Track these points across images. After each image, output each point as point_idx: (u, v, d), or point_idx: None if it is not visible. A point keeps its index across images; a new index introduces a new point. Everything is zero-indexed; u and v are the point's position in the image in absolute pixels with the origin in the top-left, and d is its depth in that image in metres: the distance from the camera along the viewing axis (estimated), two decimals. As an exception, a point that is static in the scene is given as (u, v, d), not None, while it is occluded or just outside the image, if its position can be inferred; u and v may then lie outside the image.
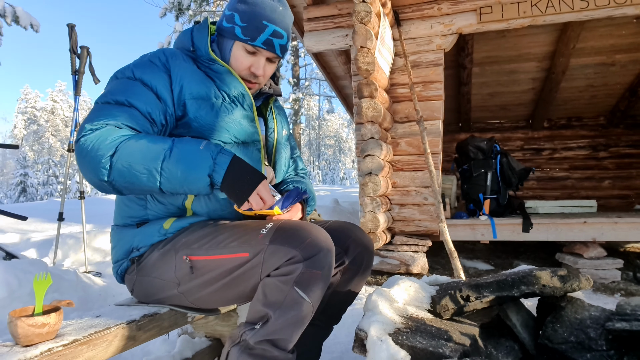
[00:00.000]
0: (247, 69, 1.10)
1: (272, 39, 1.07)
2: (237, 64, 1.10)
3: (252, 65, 1.09)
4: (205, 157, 0.90)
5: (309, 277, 0.86)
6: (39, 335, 0.77)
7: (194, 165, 0.89)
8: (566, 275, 1.17)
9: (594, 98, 5.15)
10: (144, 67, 1.01)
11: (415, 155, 3.12)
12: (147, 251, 1.04)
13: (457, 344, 0.97)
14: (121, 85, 0.98)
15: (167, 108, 1.00)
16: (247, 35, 1.06)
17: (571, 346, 1.07)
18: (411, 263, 2.85)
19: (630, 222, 2.82)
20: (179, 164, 0.88)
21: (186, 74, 1.03)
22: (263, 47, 1.07)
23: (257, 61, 1.09)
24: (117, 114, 0.93)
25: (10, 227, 3.99)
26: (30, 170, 24.02)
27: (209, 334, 1.44)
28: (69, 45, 2.79)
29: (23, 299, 1.65)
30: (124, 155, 0.88)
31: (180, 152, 0.89)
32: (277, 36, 1.07)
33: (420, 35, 3.14)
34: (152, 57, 1.04)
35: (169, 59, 1.03)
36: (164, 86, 1.00)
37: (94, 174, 0.89)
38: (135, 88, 0.97)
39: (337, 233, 1.11)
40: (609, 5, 2.81)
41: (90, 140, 0.88)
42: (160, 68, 1.01)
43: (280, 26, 1.07)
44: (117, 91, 0.97)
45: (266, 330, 0.88)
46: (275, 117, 1.25)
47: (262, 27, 1.05)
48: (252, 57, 1.09)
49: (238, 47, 1.08)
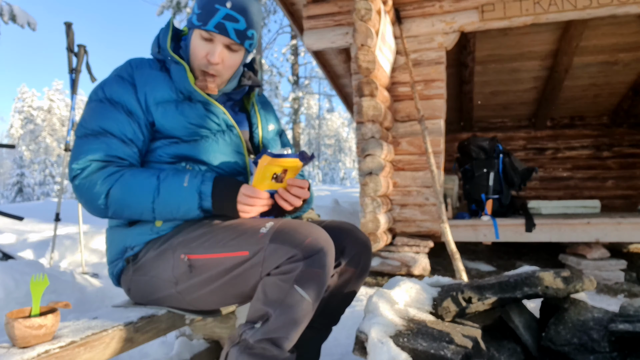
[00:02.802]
0: (205, 57, 1.06)
1: (225, 22, 1.02)
2: (195, 53, 1.08)
3: (208, 52, 1.06)
4: (191, 193, 0.96)
5: (309, 275, 0.87)
6: (35, 336, 0.77)
7: (182, 202, 0.97)
8: (569, 276, 1.16)
9: (597, 97, 5.13)
10: (112, 84, 1.04)
11: (416, 155, 3.10)
12: (142, 250, 1.04)
13: (459, 347, 0.96)
14: (93, 111, 1.03)
15: (139, 120, 1.03)
16: (201, 21, 1.04)
17: (574, 348, 1.06)
18: (412, 264, 2.84)
19: (633, 223, 2.80)
20: (169, 203, 0.97)
21: (148, 81, 1.05)
22: (215, 31, 1.03)
23: (213, 48, 1.05)
24: (96, 147, 0.99)
25: (6, 228, 4.00)
26: (26, 170, 24.04)
27: (207, 336, 1.43)
28: (66, 43, 2.79)
29: (20, 300, 1.65)
30: (116, 198, 0.96)
31: (166, 191, 0.96)
32: (231, 19, 1.03)
33: (422, 33, 3.12)
34: (120, 71, 1.07)
35: (134, 70, 1.06)
36: (132, 98, 1.03)
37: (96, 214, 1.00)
38: (105, 111, 1.02)
39: (332, 233, 1.10)
40: (612, 4, 2.79)
41: (82, 184, 0.97)
42: (126, 81, 1.04)
43: (234, 9, 1.03)
44: (91, 118, 1.02)
45: (266, 328, 0.88)
46: (259, 112, 1.23)
47: (214, 10, 1.02)
48: (209, 44, 1.06)
49: (195, 35, 1.07)
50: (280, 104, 19.05)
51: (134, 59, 1.11)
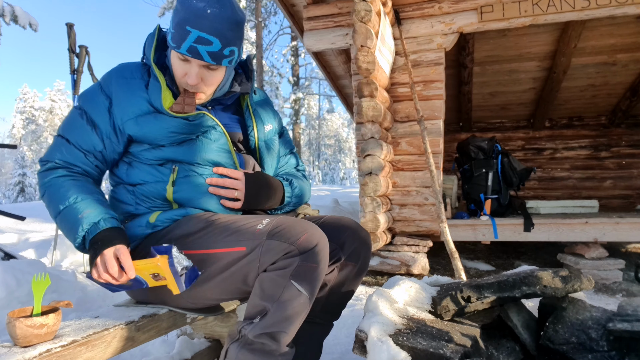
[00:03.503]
0: (183, 76, 1.05)
1: (196, 46, 0.98)
2: (175, 72, 1.07)
3: (185, 73, 1.04)
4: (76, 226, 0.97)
5: (305, 270, 0.88)
6: (37, 336, 0.77)
7: (70, 228, 0.99)
8: (567, 275, 1.17)
9: (595, 98, 5.14)
10: (88, 95, 1.10)
11: (415, 155, 3.11)
12: (139, 246, 1.05)
13: (458, 345, 0.97)
14: (67, 117, 1.12)
15: (103, 134, 1.07)
16: (175, 42, 1.01)
17: (572, 347, 1.07)
18: (412, 264, 2.85)
19: (631, 223, 2.81)
20: (63, 223, 1.02)
21: (127, 95, 1.07)
22: (188, 55, 1.00)
23: (190, 69, 1.03)
24: (58, 150, 1.07)
25: (8, 228, 4.00)
26: (28, 170, 24.00)
27: (208, 334, 1.44)
28: (67, 44, 2.79)
29: (21, 299, 1.65)
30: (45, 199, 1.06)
31: (65, 215, 1.00)
32: (203, 42, 0.98)
33: (421, 34, 3.13)
34: (103, 81, 1.10)
35: (114, 82, 1.08)
36: (102, 112, 1.07)
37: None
38: (74, 121, 1.08)
39: (332, 228, 1.11)
40: (610, 5, 2.80)
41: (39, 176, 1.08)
42: (104, 94, 1.08)
43: (206, 32, 0.97)
44: (63, 124, 1.11)
45: (265, 323, 0.89)
46: (253, 114, 1.21)
47: (185, 33, 0.98)
48: (186, 65, 1.03)
49: (173, 54, 1.05)
50: (281, 105, 19.06)
51: (119, 66, 1.11)
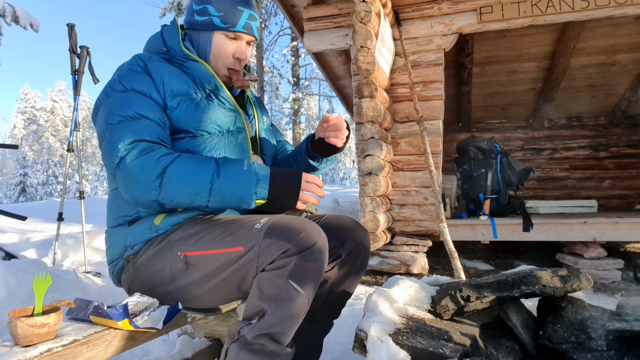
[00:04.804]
0: (232, 55, 1.14)
1: (250, 22, 1.13)
2: (220, 53, 1.14)
3: (235, 51, 1.14)
4: (249, 177, 0.95)
5: (303, 269, 0.88)
6: (38, 335, 0.77)
7: (240, 186, 0.95)
8: (566, 275, 1.17)
9: (594, 98, 5.15)
10: (130, 77, 1.04)
11: (415, 155, 3.12)
12: (141, 249, 1.05)
13: (457, 344, 0.97)
14: (119, 101, 1.00)
15: (162, 108, 1.05)
16: (227, 23, 1.11)
17: (571, 346, 1.07)
18: (411, 263, 2.85)
19: (630, 222, 2.82)
20: (227, 186, 0.95)
21: (165, 73, 1.06)
22: (244, 32, 1.13)
23: (240, 46, 1.14)
24: (138, 129, 0.96)
25: (9, 227, 4.00)
26: (29, 170, 24.04)
27: (209, 334, 1.44)
28: (68, 45, 2.80)
29: (22, 299, 1.66)
30: (174, 178, 0.93)
31: (226, 174, 0.95)
32: (253, 19, 1.14)
33: (421, 35, 3.14)
34: (131, 65, 1.07)
35: (147, 62, 1.07)
36: (153, 89, 1.04)
37: (144, 195, 0.95)
38: (135, 99, 1.00)
39: (333, 227, 1.12)
40: (609, 5, 2.80)
41: (135, 164, 0.93)
42: (142, 73, 1.05)
43: (253, 10, 1.14)
44: (120, 107, 0.99)
45: (263, 324, 0.89)
46: (254, 104, 1.28)
47: (239, 12, 1.11)
48: (235, 43, 1.14)
49: (219, 36, 1.13)
50: (281, 105, 19.05)
51: (140, 54, 1.12)
